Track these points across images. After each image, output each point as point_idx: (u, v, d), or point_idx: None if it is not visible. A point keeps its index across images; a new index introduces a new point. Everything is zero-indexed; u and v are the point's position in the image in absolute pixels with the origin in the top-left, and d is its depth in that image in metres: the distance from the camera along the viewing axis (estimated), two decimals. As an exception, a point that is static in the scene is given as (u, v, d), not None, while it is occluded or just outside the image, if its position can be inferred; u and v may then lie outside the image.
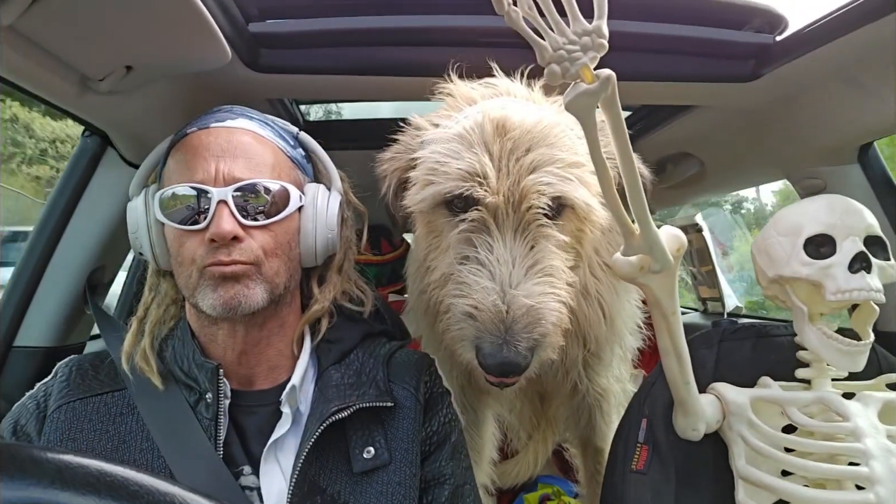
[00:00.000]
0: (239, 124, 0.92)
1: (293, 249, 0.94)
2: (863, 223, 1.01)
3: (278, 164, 0.93)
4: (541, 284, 0.88)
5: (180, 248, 0.87)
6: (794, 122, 1.40)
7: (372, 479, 0.88)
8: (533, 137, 0.92)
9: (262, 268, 0.87)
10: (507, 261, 0.88)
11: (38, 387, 0.91)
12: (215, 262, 0.84)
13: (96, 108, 1.05)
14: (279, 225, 0.90)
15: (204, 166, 0.86)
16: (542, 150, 0.91)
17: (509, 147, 0.92)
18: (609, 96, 0.68)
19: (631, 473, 1.11)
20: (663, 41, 1.21)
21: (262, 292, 0.87)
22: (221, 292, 0.84)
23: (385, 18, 1.15)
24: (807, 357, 1.06)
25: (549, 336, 0.88)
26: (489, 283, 0.88)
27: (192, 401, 0.88)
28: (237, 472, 0.86)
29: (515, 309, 0.85)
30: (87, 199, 1.20)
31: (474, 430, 1.56)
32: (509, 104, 0.99)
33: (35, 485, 0.44)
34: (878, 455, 0.92)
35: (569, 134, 0.95)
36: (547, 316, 0.87)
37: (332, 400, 0.89)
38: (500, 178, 0.91)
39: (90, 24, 0.81)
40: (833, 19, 1.07)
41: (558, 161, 0.91)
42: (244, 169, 0.88)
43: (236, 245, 0.85)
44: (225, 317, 0.86)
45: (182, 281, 0.89)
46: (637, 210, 0.78)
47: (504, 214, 0.91)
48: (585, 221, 0.97)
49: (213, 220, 0.84)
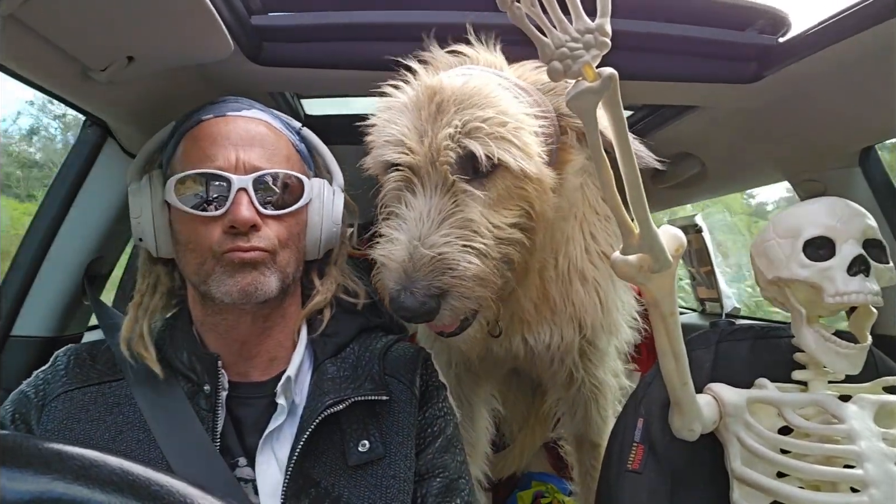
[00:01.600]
0: (254, 114, 0.94)
1: (301, 241, 0.95)
2: (862, 226, 1.01)
3: (291, 155, 0.95)
4: (448, 237, 0.92)
5: (192, 234, 0.87)
6: (795, 125, 1.40)
7: (366, 473, 0.88)
8: (458, 100, 0.94)
9: (276, 257, 0.89)
10: (422, 216, 0.93)
11: (36, 375, 0.91)
12: (234, 248, 0.85)
13: (97, 98, 1.05)
14: (292, 216, 0.92)
15: (224, 154, 0.87)
16: (469, 112, 0.93)
17: (434, 111, 0.95)
18: (611, 95, 0.68)
19: (627, 473, 1.11)
20: (666, 41, 1.21)
21: (276, 281, 0.88)
22: (239, 279, 0.85)
23: (388, 13, 1.15)
24: (804, 359, 1.06)
25: (457, 286, 0.92)
26: (401, 235, 0.93)
27: (190, 392, 0.89)
28: (233, 464, 0.86)
29: (416, 259, 0.91)
30: (86, 189, 1.19)
31: (469, 423, 1.57)
32: (460, 71, 1.02)
33: (59, 479, 0.44)
34: (872, 458, 0.92)
35: (501, 95, 0.96)
36: (453, 266, 0.92)
37: (327, 393, 0.90)
38: (423, 141, 0.94)
39: (92, 14, 0.81)
40: (836, 22, 1.07)
41: (485, 120, 0.93)
42: (262, 159, 0.89)
43: (254, 233, 0.86)
44: (237, 304, 0.87)
45: (192, 268, 0.89)
46: (637, 209, 0.78)
47: (427, 174, 0.95)
48: (525, 180, 0.98)
49: (233, 206, 0.85)
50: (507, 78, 1.02)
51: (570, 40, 0.66)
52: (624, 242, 0.83)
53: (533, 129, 0.96)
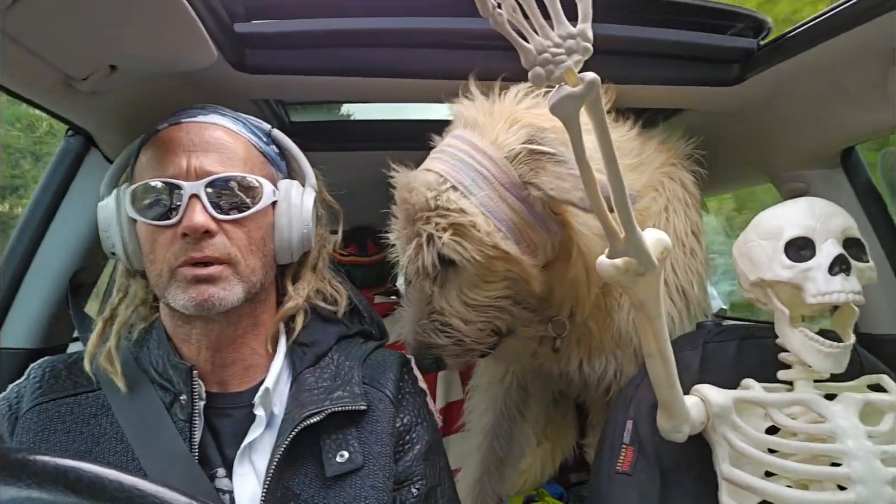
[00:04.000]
0: (210, 119, 0.92)
1: (267, 245, 0.94)
2: (842, 225, 1.02)
3: (250, 158, 0.93)
4: (427, 322, 1.19)
5: (153, 244, 0.86)
6: (777, 126, 1.42)
7: (345, 484, 0.87)
8: (420, 209, 1.11)
9: (238, 267, 0.87)
10: (414, 306, 1.22)
11: (11, 388, 0.90)
12: (187, 262, 0.84)
13: (80, 108, 1.04)
14: (252, 220, 0.90)
15: (175, 161, 0.86)
16: (429, 225, 1.10)
17: (405, 220, 1.17)
18: (593, 99, 0.68)
19: (616, 475, 1.12)
20: (647, 45, 1.22)
21: (240, 290, 0.87)
22: (193, 293, 0.84)
23: (370, 20, 1.15)
24: (789, 359, 1.07)
25: (444, 350, 1.20)
26: (406, 318, 1.25)
27: (167, 402, 0.88)
28: (211, 475, 0.85)
29: (413, 339, 1.21)
30: (70, 199, 1.18)
31: (505, 440, 1.66)
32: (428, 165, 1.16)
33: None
34: (859, 455, 0.93)
35: (457, 200, 1.08)
36: (432, 343, 1.19)
37: (305, 404, 0.89)
38: (406, 248, 1.16)
39: (74, 23, 0.80)
40: (816, 24, 1.08)
41: (443, 227, 1.09)
42: (216, 163, 0.87)
43: (208, 240, 0.84)
44: (199, 315, 0.86)
45: (153, 280, 0.88)
46: (622, 213, 0.79)
47: (413, 274, 1.18)
48: (492, 260, 1.10)
49: (186, 213, 0.83)
50: (475, 154, 1.10)
51: (552, 46, 0.66)
52: (609, 246, 0.84)
53: (484, 220, 1.08)
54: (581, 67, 0.66)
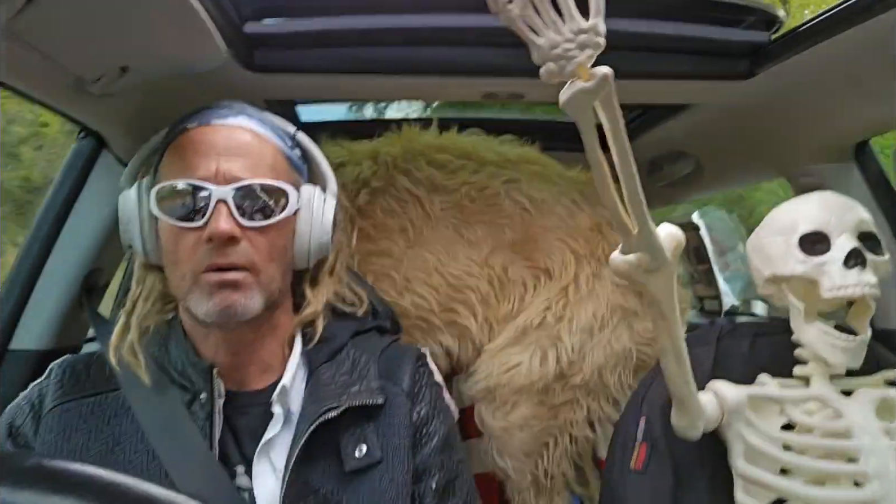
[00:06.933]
0: (239, 122, 0.91)
1: (288, 253, 0.93)
2: (856, 219, 1.01)
3: (277, 164, 0.92)
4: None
5: (174, 245, 0.86)
6: (789, 120, 1.40)
7: (364, 478, 0.87)
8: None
9: (259, 275, 0.86)
10: None
11: (32, 387, 0.91)
12: (211, 267, 0.83)
13: (91, 110, 1.04)
14: (276, 227, 0.89)
15: (205, 164, 0.85)
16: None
17: None
18: (606, 94, 0.68)
19: (629, 473, 1.11)
20: (659, 39, 1.21)
21: (259, 300, 0.86)
22: (217, 300, 0.83)
23: (380, 18, 1.15)
24: (805, 354, 1.06)
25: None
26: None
27: (186, 401, 0.88)
28: (231, 473, 0.85)
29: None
30: (82, 200, 1.19)
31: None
32: None
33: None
34: (874, 452, 0.93)
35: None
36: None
37: (322, 399, 0.89)
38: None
39: (84, 25, 0.81)
40: (828, 17, 1.07)
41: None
42: (244, 169, 0.86)
43: (233, 247, 0.84)
44: (219, 324, 0.86)
45: (175, 282, 0.88)
46: (634, 209, 0.78)
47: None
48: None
49: (212, 218, 0.83)
50: None
51: (563, 41, 0.66)
52: (622, 242, 0.83)
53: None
54: (593, 62, 0.66)
